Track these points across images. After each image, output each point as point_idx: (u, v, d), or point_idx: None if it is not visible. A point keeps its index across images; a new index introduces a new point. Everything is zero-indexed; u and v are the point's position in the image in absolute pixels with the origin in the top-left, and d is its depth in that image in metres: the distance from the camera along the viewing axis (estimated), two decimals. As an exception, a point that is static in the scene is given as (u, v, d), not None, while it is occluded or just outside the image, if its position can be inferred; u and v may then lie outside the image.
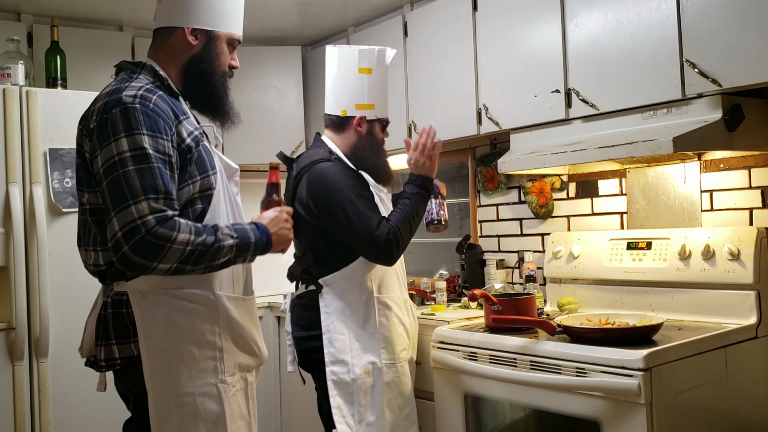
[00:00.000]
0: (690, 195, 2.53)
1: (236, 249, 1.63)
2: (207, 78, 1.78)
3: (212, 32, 1.77)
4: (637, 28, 2.28)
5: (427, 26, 3.10)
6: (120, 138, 1.54)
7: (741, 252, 2.27)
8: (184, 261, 1.54)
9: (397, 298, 2.40)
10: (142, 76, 1.70)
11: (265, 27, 3.76)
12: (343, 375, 2.30)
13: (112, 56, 3.45)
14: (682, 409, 1.95)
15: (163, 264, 1.52)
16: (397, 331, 2.36)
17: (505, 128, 2.76)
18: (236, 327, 1.73)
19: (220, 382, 1.68)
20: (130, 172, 1.52)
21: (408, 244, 2.32)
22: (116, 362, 1.65)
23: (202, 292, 1.67)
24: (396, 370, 2.34)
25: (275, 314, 3.54)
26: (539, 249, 3.06)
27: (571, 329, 2.13)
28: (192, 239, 1.54)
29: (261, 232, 1.70)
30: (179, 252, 1.52)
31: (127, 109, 1.56)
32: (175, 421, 1.63)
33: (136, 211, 1.50)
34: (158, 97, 1.63)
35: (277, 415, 3.59)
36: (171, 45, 1.76)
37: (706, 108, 2.14)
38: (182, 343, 1.64)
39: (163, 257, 1.51)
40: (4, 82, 2.88)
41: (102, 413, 2.84)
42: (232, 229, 1.64)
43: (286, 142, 3.77)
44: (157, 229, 1.50)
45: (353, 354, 2.31)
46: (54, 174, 2.84)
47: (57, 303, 2.81)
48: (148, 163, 1.54)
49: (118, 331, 1.64)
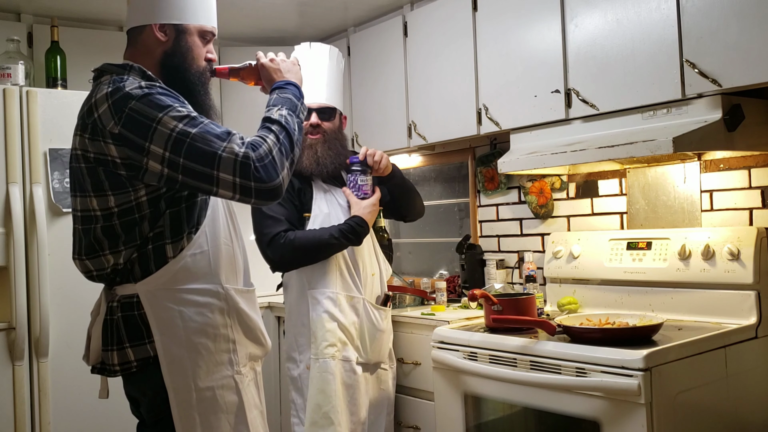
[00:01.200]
0: (690, 195, 2.53)
1: (290, 112, 1.70)
2: (182, 72, 1.76)
3: (180, 26, 1.74)
4: (637, 29, 2.28)
5: (427, 26, 3.10)
6: (161, 119, 1.53)
7: (741, 252, 2.27)
8: (287, 153, 1.61)
9: (332, 293, 2.43)
10: (132, 77, 1.65)
11: (265, 27, 3.75)
12: (293, 371, 2.51)
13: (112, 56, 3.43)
14: (682, 409, 1.95)
15: (285, 171, 1.58)
16: (325, 326, 2.40)
17: (505, 128, 2.76)
18: (245, 318, 1.75)
19: (236, 373, 1.70)
20: (196, 136, 1.52)
21: (305, 261, 2.44)
22: (132, 365, 1.64)
23: (211, 287, 1.68)
24: (318, 365, 2.38)
25: (275, 314, 3.54)
26: (539, 249, 3.07)
27: (571, 329, 2.13)
28: (275, 139, 1.60)
29: (290, 85, 1.80)
30: (280, 154, 1.58)
31: (143, 95, 1.56)
32: (197, 417, 1.63)
33: (231, 154, 1.51)
34: (160, 87, 1.63)
35: (277, 415, 3.59)
36: (143, 43, 1.74)
37: (706, 108, 2.14)
38: (198, 338, 1.65)
39: (280, 165, 1.57)
40: (4, 82, 2.88)
41: (102, 413, 2.84)
42: (275, 102, 1.72)
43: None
44: (256, 153, 1.54)
45: (300, 350, 2.49)
46: (54, 174, 2.84)
47: (57, 303, 2.81)
48: (200, 120, 1.56)
49: (132, 333, 1.63)
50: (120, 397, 1.79)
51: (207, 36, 1.80)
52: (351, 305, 2.47)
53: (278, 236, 2.39)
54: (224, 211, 1.77)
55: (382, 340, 2.56)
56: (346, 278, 2.48)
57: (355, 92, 3.53)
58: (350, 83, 3.56)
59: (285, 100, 1.73)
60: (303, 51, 2.61)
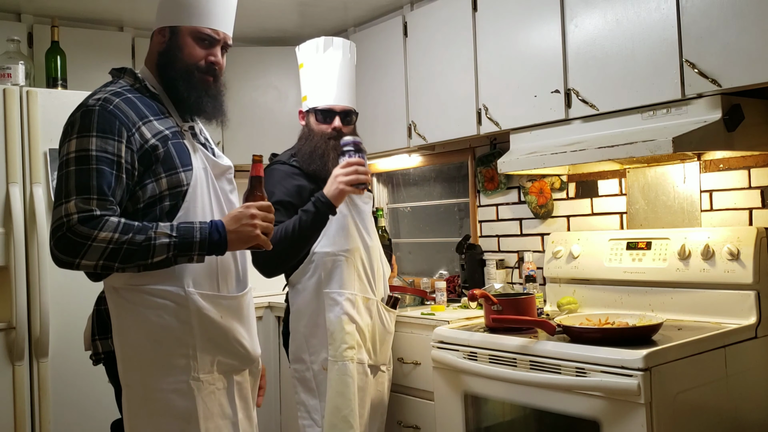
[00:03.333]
0: (690, 195, 2.53)
1: (174, 248, 1.61)
2: (172, 71, 1.80)
3: (175, 27, 1.80)
4: (637, 29, 2.28)
5: (427, 26, 3.10)
6: (72, 139, 1.62)
7: (741, 252, 2.27)
8: (109, 258, 1.57)
9: (351, 294, 2.38)
10: (123, 80, 1.77)
11: (265, 27, 3.76)
12: (303, 372, 2.41)
13: (112, 56, 3.49)
14: (681, 409, 1.95)
15: (85, 260, 1.57)
16: (344, 328, 2.35)
17: (505, 128, 2.76)
18: (212, 325, 1.71)
19: (193, 379, 1.68)
20: (70, 173, 1.59)
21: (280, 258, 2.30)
22: (100, 356, 1.71)
23: (172, 289, 1.67)
24: (338, 368, 2.33)
25: (275, 314, 3.54)
26: (539, 249, 3.07)
27: (571, 329, 2.13)
28: (116, 237, 1.56)
29: (212, 230, 1.65)
30: (101, 249, 1.56)
31: (86, 111, 1.64)
32: (145, 416, 1.66)
33: (65, 209, 1.57)
34: (125, 99, 1.68)
35: (277, 415, 3.59)
36: (150, 48, 1.85)
37: (705, 108, 2.15)
38: (153, 339, 1.66)
39: (83, 254, 1.56)
40: (4, 82, 2.88)
41: (102, 413, 2.84)
42: (174, 228, 1.63)
43: (286, 142, 3.75)
44: (78, 227, 1.55)
45: (311, 351, 2.39)
46: (54, 174, 2.84)
47: (57, 303, 2.81)
48: (88, 164, 1.59)
49: (100, 326, 1.71)
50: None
51: (202, 36, 1.81)
52: (366, 307, 2.43)
53: None
54: (209, 213, 1.75)
55: (389, 342, 2.56)
56: (363, 279, 2.43)
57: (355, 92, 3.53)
58: (350, 83, 3.57)
59: (190, 236, 1.63)
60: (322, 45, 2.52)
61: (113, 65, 1.82)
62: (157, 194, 1.68)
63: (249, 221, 1.68)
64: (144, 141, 1.66)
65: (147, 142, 1.67)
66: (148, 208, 1.67)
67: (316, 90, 2.49)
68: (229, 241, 1.67)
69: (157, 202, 1.68)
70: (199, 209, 1.73)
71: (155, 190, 1.68)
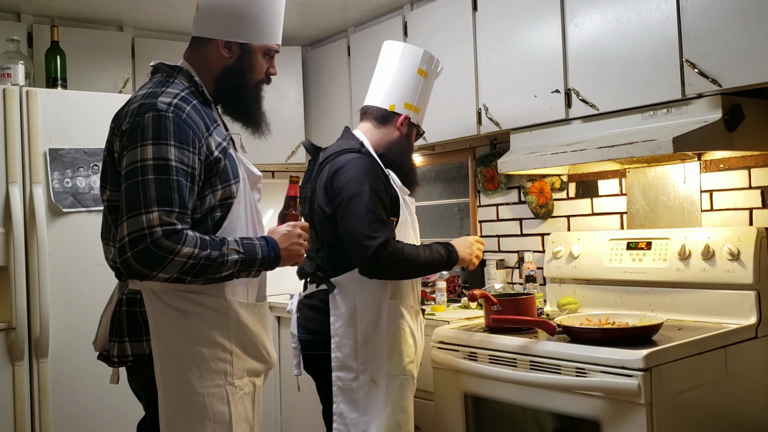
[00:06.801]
0: (690, 195, 2.53)
1: (241, 264, 1.64)
2: (240, 90, 1.80)
3: (246, 45, 1.78)
4: (637, 29, 2.28)
5: (427, 26, 3.10)
6: (147, 144, 1.56)
7: (741, 252, 2.27)
8: (185, 273, 1.56)
9: (410, 307, 2.27)
10: (178, 81, 1.73)
11: (265, 27, 3.75)
12: (349, 381, 2.19)
13: (112, 56, 3.49)
14: (682, 409, 1.95)
15: (162, 274, 1.54)
16: (407, 341, 2.23)
17: (505, 128, 2.76)
18: (246, 332, 1.74)
19: (229, 384, 1.69)
20: (149, 181, 1.54)
21: (399, 276, 2.19)
22: (128, 359, 1.67)
23: (214, 297, 1.68)
24: (400, 382, 2.21)
25: (275, 314, 3.54)
26: (539, 249, 3.07)
27: (571, 329, 2.13)
28: (196, 253, 1.55)
29: (270, 248, 1.70)
30: (180, 264, 1.54)
31: (159, 116, 1.58)
32: (184, 421, 1.64)
33: (146, 220, 1.52)
34: (192, 107, 1.65)
35: (277, 415, 3.59)
36: (205, 55, 1.78)
37: (706, 108, 2.14)
38: (193, 344, 1.65)
39: (163, 268, 1.53)
40: (4, 82, 2.88)
41: (102, 413, 2.84)
42: (240, 244, 1.64)
43: (286, 142, 3.77)
44: (162, 240, 1.52)
45: (361, 360, 2.19)
46: (54, 174, 2.84)
47: (57, 303, 2.81)
48: (169, 174, 1.55)
49: (132, 328, 1.66)
50: (120, 397, 1.80)
51: (271, 53, 1.83)
52: (419, 320, 2.33)
53: (388, 243, 2.08)
54: (248, 223, 1.75)
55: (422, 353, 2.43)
56: (416, 290, 2.33)
57: (355, 92, 3.53)
58: (350, 83, 3.56)
59: (254, 253, 1.66)
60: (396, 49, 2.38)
61: (113, 65, 1.82)
62: (211, 206, 1.68)
63: (297, 240, 1.76)
64: (210, 153, 1.65)
65: (212, 153, 1.66)
66: (201, 217, 1.66)
67: (424, 109, 2.40)
68: (281, 258, 1.72)
69: (208, 213, 1.67)
70: (243, 221, 1.74)
71: (211, 202, 1.67)
